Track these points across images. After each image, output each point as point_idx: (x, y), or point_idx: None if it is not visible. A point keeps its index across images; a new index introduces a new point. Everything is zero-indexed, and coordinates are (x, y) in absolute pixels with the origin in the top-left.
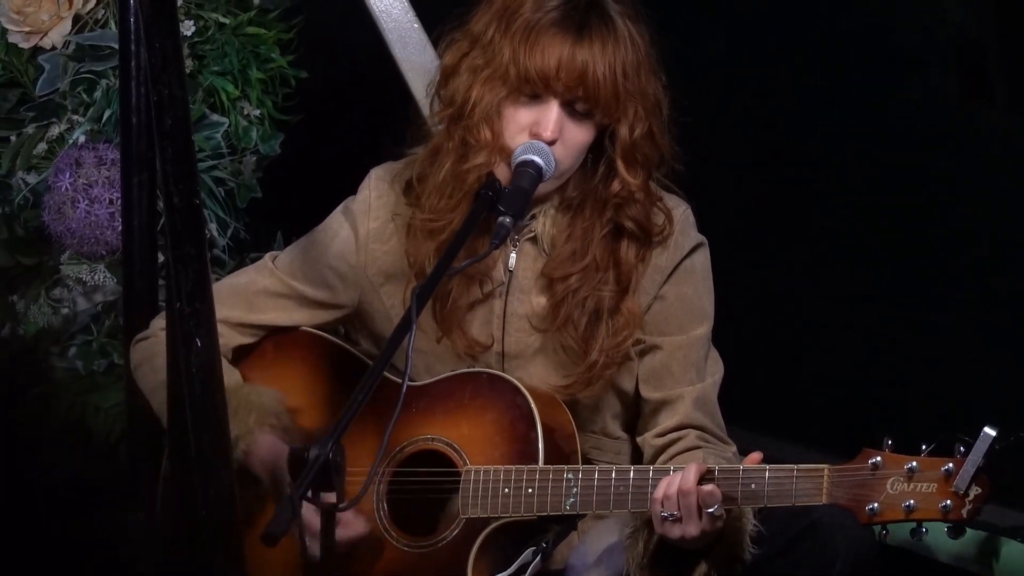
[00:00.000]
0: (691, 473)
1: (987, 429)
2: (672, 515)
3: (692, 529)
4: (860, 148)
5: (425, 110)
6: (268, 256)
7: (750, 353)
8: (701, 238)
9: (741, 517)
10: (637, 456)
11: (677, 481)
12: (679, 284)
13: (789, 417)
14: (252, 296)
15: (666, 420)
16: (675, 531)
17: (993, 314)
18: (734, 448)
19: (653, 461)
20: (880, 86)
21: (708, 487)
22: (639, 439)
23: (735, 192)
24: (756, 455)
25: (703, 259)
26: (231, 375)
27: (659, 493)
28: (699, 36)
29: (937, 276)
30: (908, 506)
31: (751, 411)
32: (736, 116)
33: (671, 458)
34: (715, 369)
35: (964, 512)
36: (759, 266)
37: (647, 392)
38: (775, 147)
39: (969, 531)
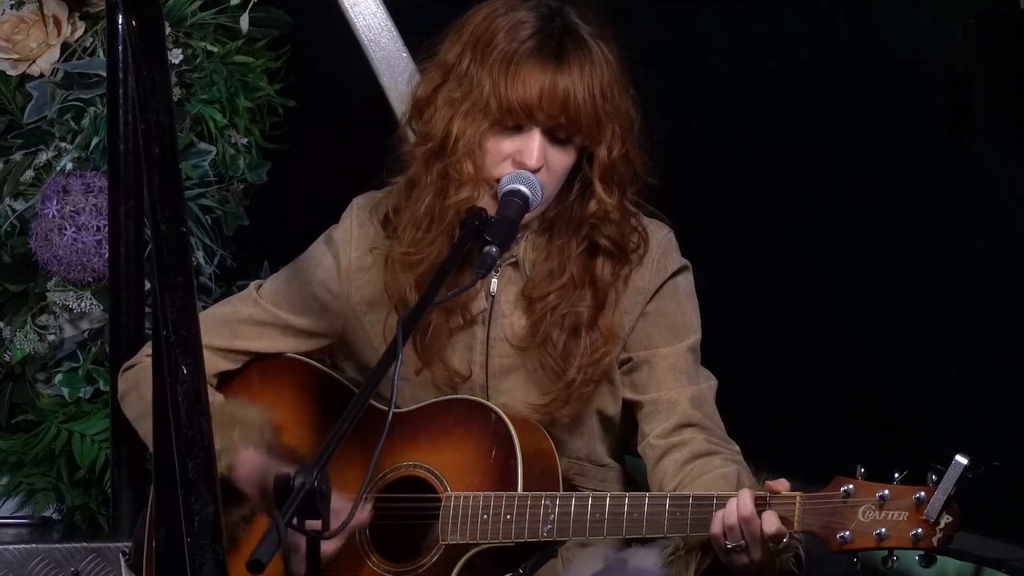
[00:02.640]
0: (747, 499)
1: (959, 457)
2: (739, 545)
3: (757, 554)
4: (845, 173)
5: (411, 137)
6: (252, 285)
7: (722, 379)
8: (685, 261)
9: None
10: (628, 483)
11: (734, 509)
12: (662, 300)
13: (762, 445)
14: (237, 325)
15: (664, 421)
16: (742, 559)
17: (967, 344)
18: (736, 447)
19: (658, 465)
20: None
21: (771, 515)
22: (640, 448)
23: (711, 218)
24: (784, 483)
25: (687, 281)
26: (214, 396)
27: (717, 528)
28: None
29: (912, 305)
30: (879, 534)
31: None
32: (721, 138)
33: (682, 466)
34: (708, 376)
35: (935, 540)
36: (731, 292)
37: (639, 396)
38: (756, 169)
39: (954, 562)
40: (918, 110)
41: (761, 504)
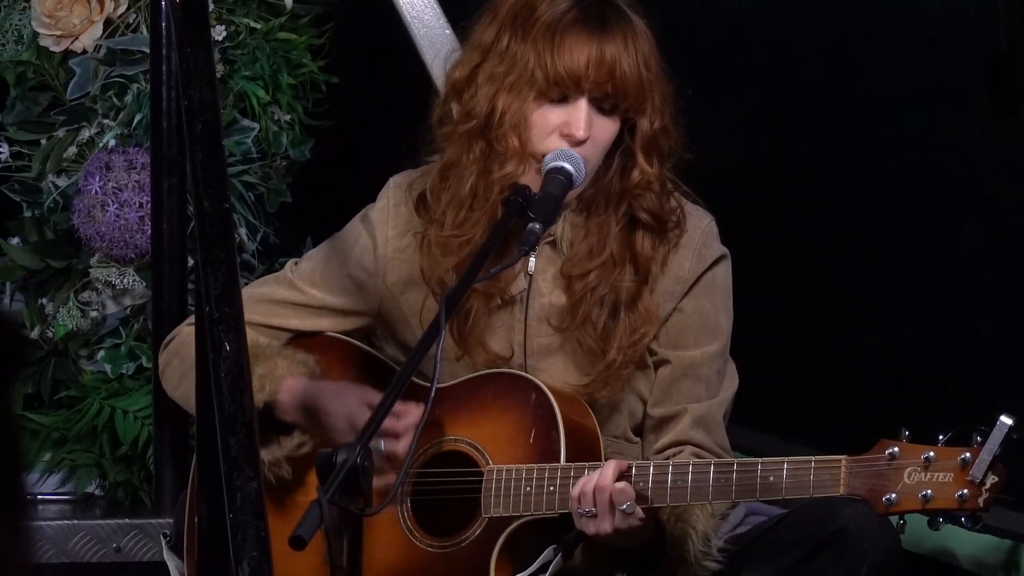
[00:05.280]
0: (609, 470)
1: (1003, 418)
2: (588, 511)
3: (606, 525)
4: (875, 150)
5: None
6: (289, 264)
7: (761, 352)
8: (724, 250)
9: (686, 518)
10: None
11: (595, 479)
12: (699, 297)
13: (805, 414)
14: (274, 305)
15: (664, 436)
16: (591, 527)
17: (1009, 304)
18: (734, 464)
19: None
20: (903, 94)
21: (620, 484)
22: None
23: (747, 191)
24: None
25: (725, 272)
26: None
27: (576, 490)
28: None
29: (953, 268)
30: (925, 495)
31: (764, 408)
32: (748, 120)
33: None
34: (729, 384)
35: (981, 501)
36: (769, 262)
37: (651, 407)
38: (786, 147)
39: (993, 539)
40: (961, 86)
41: (626, 476)
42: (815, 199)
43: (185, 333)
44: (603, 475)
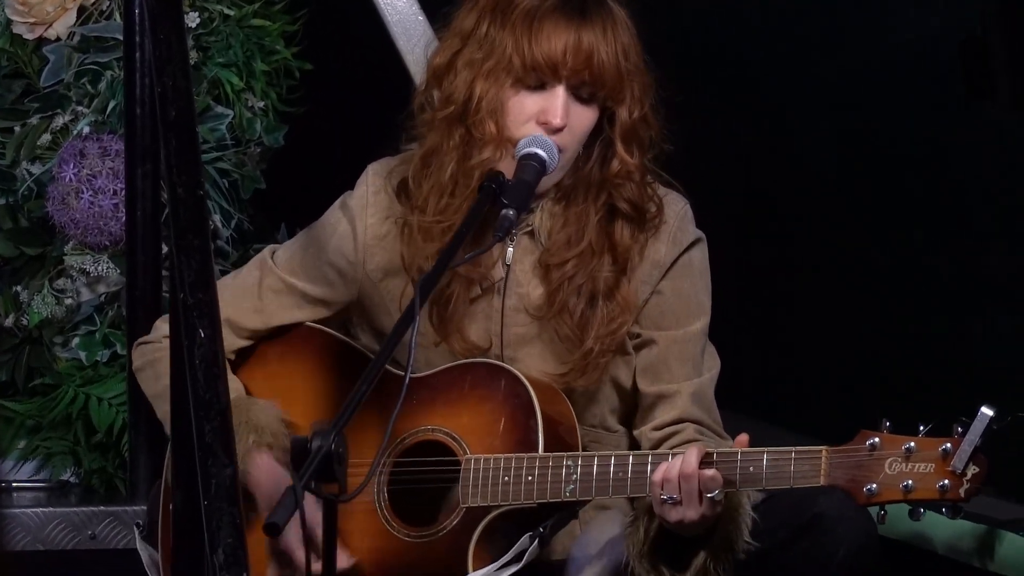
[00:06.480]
0: (692, 456)
1: (984, 409)
2: (672, 498)
3: (692, 513)
4: (857, 138)
5: (427, 108)
6: (267, 251)
7: (746, 339)
8: (700, 234)
9: (739, 507)
10: (634, 449)
11: (678, 464)
12: (676, 279)
13: (786, 403)
14: (251, 295)
15: (664, 414)
16: (674, 515)
17: (990, 296)
18: (730, 442)
19: None
20: (881, 80)
21: (710, 471)
22: (636, 432)
23: (730, 179)
24: (744, 437)
25: (701, 255)
26: (233, 383)
27: (658, 476)
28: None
29: (934, 262)
30: (906, 486)
31: (748, 397)
32: (730, 107)
33: (670, 449)
34: (712, 364)
35: (962, 491)
36: (753, 251)
37: (644, 386)
38: (768, 136)
39: (968, 524)
40: (936, 71)
41: (708, 463)
42: (800, 189)
43: (160, 346)
44: (687, 461)
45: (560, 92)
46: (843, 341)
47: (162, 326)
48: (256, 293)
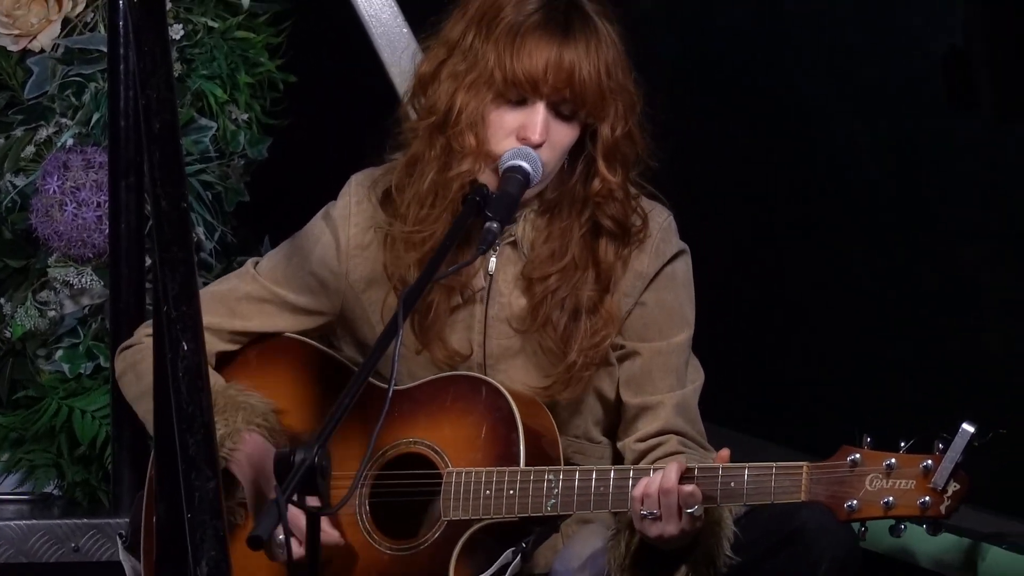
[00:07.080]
0: (672, 472)
1: (965, 425)
2: (652, 513)
3: (671, 528)
4: (843, 150)
5: (413, 115)
6: (250, 262)
7: (730, 352)
8: (683, 246)
9: (720, 521)
10: (618, 461)
11: (658, 480)
12: (660, 291)
13: (769, 416)
14: (235, 303)
15: (647, 425)
16: (654, 530)
17: (972, 311)
18: (714, 455)
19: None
20: (869, 89)
21: (689, 487)
22: (620, 444)
23: (715, 193)
24: (725, 452)
25: (685, 267)
26: (215, 378)
27: (638, 491)
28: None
29: (915, 277)
30: (887, 503)
31: (731, 410)
32: (718, 117)
33: (653, 462)
34: (696, 376)
35: (943, 508)
36: (737, 265)
37: (628, 397)
38: (754, 147)
39: (952, 537)
40: (919, 82)
41: (688, 479)
42: (784, 202)
43: (141, 346)
44: (666, 476)
45: (540, 108)
46: (826, 355)
47: (144, 330)
48: (238, 299)
